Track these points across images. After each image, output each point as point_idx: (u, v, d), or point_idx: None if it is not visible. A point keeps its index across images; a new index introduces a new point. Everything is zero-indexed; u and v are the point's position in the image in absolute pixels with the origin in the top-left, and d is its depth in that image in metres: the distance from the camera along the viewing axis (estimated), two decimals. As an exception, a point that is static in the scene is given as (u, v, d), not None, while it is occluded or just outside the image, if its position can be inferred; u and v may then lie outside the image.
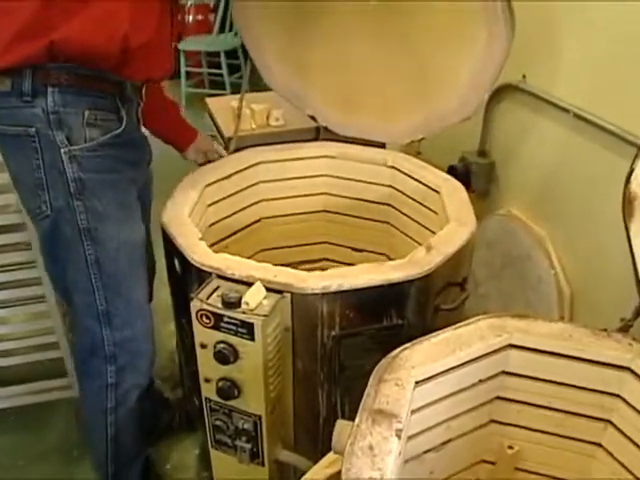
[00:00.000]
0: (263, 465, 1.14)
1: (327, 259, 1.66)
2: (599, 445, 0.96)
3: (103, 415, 1.23)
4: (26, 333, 1.54)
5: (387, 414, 0.76)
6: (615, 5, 1.23)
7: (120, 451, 1.28)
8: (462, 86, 1.33)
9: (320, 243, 1.65)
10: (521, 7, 1.21)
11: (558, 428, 0.96)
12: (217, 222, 1.44)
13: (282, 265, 1.07)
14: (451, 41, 1.29)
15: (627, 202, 0.93)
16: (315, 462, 0.95)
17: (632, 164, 0.94)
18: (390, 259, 1.53)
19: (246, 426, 1.10)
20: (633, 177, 0.94)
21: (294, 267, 1.46)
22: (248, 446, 1.12)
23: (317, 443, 1.20)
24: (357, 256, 1.60)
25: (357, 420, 0.75)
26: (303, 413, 1.18)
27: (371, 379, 0.81)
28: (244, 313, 0.97)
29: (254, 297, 0.98)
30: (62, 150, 1.02)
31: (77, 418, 1.63)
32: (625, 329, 0.95)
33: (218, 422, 1.12)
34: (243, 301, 0.98)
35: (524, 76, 1.51)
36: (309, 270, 1.07)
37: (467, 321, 0.91)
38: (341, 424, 0.79)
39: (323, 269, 1.09)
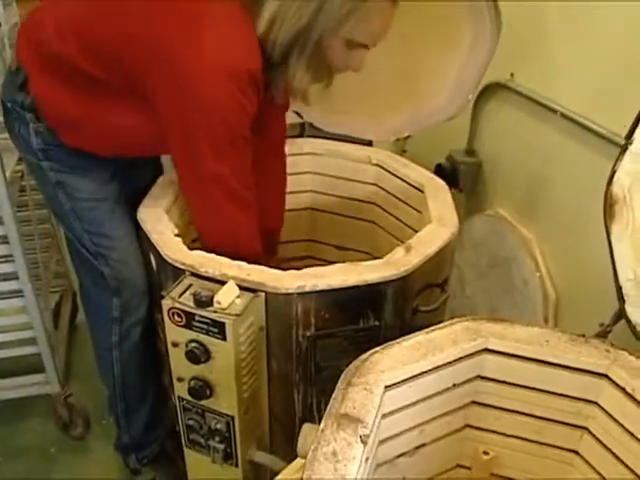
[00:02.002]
0: (237, 466, 1.13)
1: (312, 257, 1.64)
2: (576, 453, 0.94)
3: (109, 352, 1.31)
4: (3, 328, 1.51)
5: (353, 419, 0.74)
6: (605, 5, 1.21)
7: (127, 389, 1.36)
8: (448, 85, 1.31)
9: (305, 241, 1.62)
10: (509, 5, 1.19)
11: (534, 434, 0.94)
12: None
13: (267, 262, 1.05)
14: (437, 40, 1.27)
15: (608, 205, 0.91)
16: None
17: (614, 166, 0.92)
18: (374, 258, 1.51)
19: (219, 426, 1.08)
20: (615, 179, 0.92)
21: (279, 264, 1.43)
22: (221, 446, 1.10)
23: (293, 444, 1.18)
24: (341, 254, 1.58)
25: (322, 425, 0.73)
26: (279, 414, 1.16)
27: (339, 383, 0.79)
28: (215, 312, 0.95)
29: (226, 296, 0.96)
30: (30, 125, 1.12)
31: (55, 414, 1.61)
32: (603, 335, 0.93)
33: (191, 422, 1.10)
34: (215, 300, 0.96)
35: (512, 75, 1.49)
36: (293, 268, 1.05)
37: (441, 324, 0.89)
38: (307, 428, 0.77)
39: (307, 267, 1.07)
